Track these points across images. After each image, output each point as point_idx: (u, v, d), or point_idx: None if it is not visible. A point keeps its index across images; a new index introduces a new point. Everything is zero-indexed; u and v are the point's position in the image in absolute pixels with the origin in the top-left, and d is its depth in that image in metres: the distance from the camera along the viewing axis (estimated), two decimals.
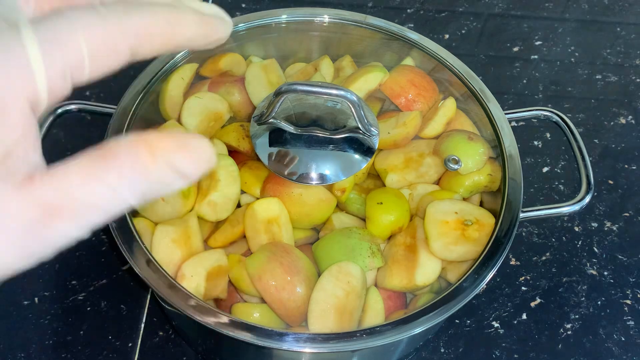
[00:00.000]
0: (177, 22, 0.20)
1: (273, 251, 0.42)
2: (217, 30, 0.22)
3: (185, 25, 0.20)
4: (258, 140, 0.44)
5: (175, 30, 0.20)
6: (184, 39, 0.21)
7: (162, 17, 0.20)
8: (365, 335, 0.38)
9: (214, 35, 0.22)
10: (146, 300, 0.55)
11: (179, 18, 0.20)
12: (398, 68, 0.52)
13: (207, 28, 0.21)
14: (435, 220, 0.44)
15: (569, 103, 0.73)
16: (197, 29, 0.21)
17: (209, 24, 0.21)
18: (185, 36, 0.21)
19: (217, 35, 0.22)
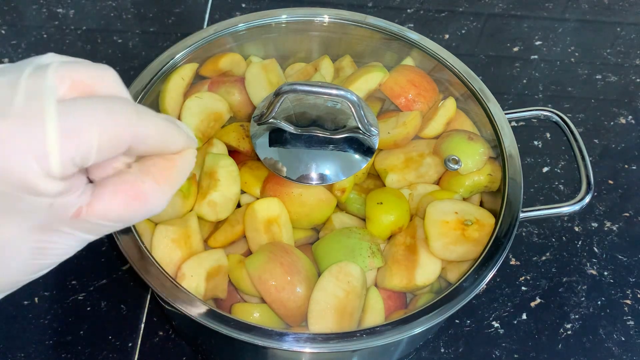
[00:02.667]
0: (171, 138, 0.27)
1: (273, 251, 0.42)
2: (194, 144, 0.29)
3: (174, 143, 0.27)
4: (258, 140, 0.44)
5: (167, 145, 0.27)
6: (169, 151, 0.27)
7: (162, 131, 0.26)
8: (365, 335, 0.38)
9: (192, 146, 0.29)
10: (146, 300, 0.55)
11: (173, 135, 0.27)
12: (398, 68, 0.52)
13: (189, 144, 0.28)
14: (435, 220, 0.44)
15: (569, 103, 0.73)
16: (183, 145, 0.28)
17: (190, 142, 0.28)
18: (171, 149, 0.27)
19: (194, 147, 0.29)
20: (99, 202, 0.25)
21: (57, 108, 0.23)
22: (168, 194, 0.27)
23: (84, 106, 0.23)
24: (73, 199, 0.24)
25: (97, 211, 0.25)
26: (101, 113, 0.23)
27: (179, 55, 0.51)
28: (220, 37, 0.53)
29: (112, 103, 0.24)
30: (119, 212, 0.25)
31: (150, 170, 0.26)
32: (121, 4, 0.80)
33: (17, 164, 0.22)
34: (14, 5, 0.79)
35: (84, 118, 0.23)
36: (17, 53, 0.73)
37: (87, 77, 0.25)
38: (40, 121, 0.22)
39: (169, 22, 0.78)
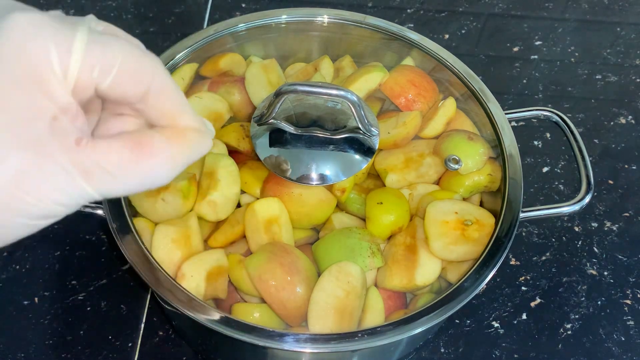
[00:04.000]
0: (185, 106, 0.26)
1: (273, 251, 0.42)
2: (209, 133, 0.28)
3: (188, 115, 0.26)
4: (258, 141, 0.44)
5: (182, 111, 0.25)
6: (182, 121, 0.26)
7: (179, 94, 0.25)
8: (365, 336, 0.38)
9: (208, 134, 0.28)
10: (146, 300, 0.55)
11: (187, 108, 0.26)
12: (398, 68, 0.52)
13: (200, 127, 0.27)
14: (435, 220, 0.44)
15: (569, 103, 0.73)
16: (198, 125, 0.26)
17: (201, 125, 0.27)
18: (182, 120, 0.26)
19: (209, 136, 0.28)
20: (103, 141, 0.23)
21: (90, 27, 0.22)
22: (175, 159, 0.25)
23: (116, 37, 0.23)
24: (76, 129, 0.22)
25: (99, 146, 0.22)
26: (130, 46, 0.23)
27: (179, 56, 0.51)
28: (220, 37, 0.53)
29: (144, 50, 0.24)
30: (122, 155, 0.23)
31: (163, 130, 0.25)
32: (121, 4, 0.80)
33: (38, 48, 0.21)
34: None
35: (114, 41, 0.23)
36: None
37: (121, 32, 0.25)
38: (72, 26, 0.22)
39: (169, 22, 0.78)
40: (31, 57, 0.21)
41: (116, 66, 0.22)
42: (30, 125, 0.21)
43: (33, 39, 0.21)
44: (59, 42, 0.21)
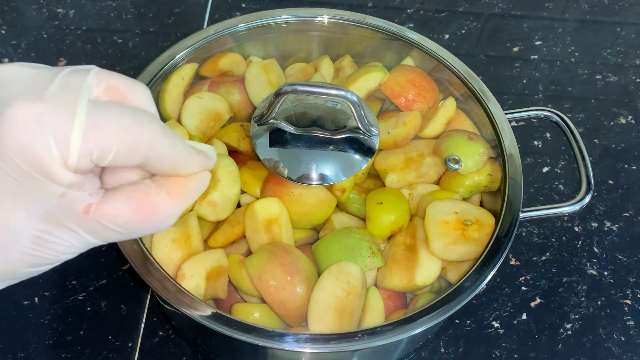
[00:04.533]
0: (185, 162, 0.27)
1: (273, 251, 0.42)
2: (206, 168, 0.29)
3: (189, 167, 0.27)
4: (258, 141, 0.44)
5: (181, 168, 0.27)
6: (182, 173, 0.27)
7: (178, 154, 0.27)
8: (365, 336, 0.38)
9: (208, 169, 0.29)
10: (146, 300, 0.55)
11: (187, 162, 0.27)
12: (398, 68, 0.52)
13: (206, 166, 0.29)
14: (435, 220, 0.44)
15: (569, 103, 0.73)
16: (198, 168, 0.28)
17: (208, 162, 0.29)
18: (184, 172, 0.28)
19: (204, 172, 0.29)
20: (109, 204, 0.25)
21: (88, 103, 0.24)
22: (178, 209, 0.27)
23: (114, 109, 0.24)
24: (84, 196, 0.25)
25: (106, 211, 0.25)
26: (128, 119, 0.24)
27: (179, 56, 0.51)
28: (220, 37, 0.53)
29: (141, 114, 0.25)
30: (128, 217, 0.26)
31: (164, 184, 0.27)
32: (121, 4, 0.80)
33: (38, 144, 0.23)
34: (14, 5, 0.79)
35: (111, 118, 0.24)
36: (17, 53, 0.73)
37: (122, 85, 0.26)
38: (70, 110, 0.23)
39: (169, 22, 0.78)
40: (34, 152, 0.23)
41: (113, 150, 0.24)
42: (42, 205, 0.24)
43: (34, 136, 0.23)
44: (58, 135, 0.23)
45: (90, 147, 0.23)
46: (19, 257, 0.25)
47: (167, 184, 0.27)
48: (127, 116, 0.24)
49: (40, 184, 0.24)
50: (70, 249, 0.26)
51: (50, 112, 0.23)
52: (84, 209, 0.25)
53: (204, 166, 0.28)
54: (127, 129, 0.24)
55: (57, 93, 0.24)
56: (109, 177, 0.27)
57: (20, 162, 0.23)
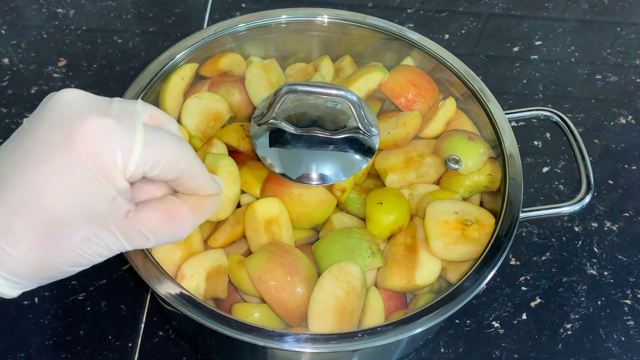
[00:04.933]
0: (207, 182, 0.33)
1: (273, 251, 0.42)
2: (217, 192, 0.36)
3: (207, 188, 0.34)
4: (258, 141, 0.44)
5: (203, 187, 0.33)
6: (201, 192, 0.34)
7: (204, 175, 0.33)
8: (365, 336, 0.38)
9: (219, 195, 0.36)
10: (146, 300, 0.55)
11: (208, 184, 0.34)
12: (398, 68, 0.52)
13: (217, 191, 0.35)
14: (435, 220, 0.44)
15: (569, 103, 0.73)
16: (213, 191, 0.34)
17: (219, 189, 0.35)
18: (203, 192, 0.34)
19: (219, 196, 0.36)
20: (144, 211, 0.30)
21: (143, 123, 0.30)
22: (197, 222, 0.34)
23: (163, 131, 0.31)
24: (126, 203, 0.30)
25: (142, 218, 0.30)
26: (174, 140, 0.31)
27: (179, 56, 0.51)
28: (220, 37, 0.53)
29: (181, 139, 0.32)
30: (158, 224, 0.31)
31: (187, 200, 0.33)
32: (121, 4, 0.80)
33: (108, 152, 0.28)
34: (14, 5, 0.79)
35: (163, 137, 0.30)
36: (17, 53, 0.73)
37: (161, 115, 0.33)
38: (131, 128, 0.29)
39: (169, 22, 0.78)
40: (103, 159, 0.28)
41: (163, 162, 0.30)
42: (96, 205, 0.28)
43: (106, 145, 0.28)
44: (123, 146, 0.28)
45: (147, 158, 0.29)
46: (66, 255, 0.29)
47: (190, 201, 0.33)
48: (173, 138, 0.31)
49: (100, 187, 0.28)
50: (106, 251, 0.30)
51: (118, 128, 0.28)
52: (125, 214, 0.29)
53: (217, 190, 0.34)
54: (174, 147, 0.30)
55: (118, 114, 0.29)
56: (138, 192, 0.32)
57: (91, 166, 0.27)
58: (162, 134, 0.30)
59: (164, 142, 0.30)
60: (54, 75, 0.71)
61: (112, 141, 0.28)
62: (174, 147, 0.30)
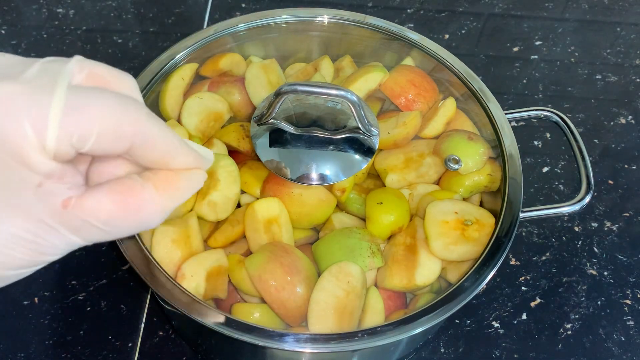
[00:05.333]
0: (174, 151, 0.25)
1: (273, 251, 0.42)
2: (199, 166, 0.27)
3: (179, 159, 0.26)
4: (258, 141, 0.44)
5: (170, 156, 0.25)
6: (172, 165, 0.26)
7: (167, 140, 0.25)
8: (365, 336, 0.38)
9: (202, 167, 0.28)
10: (146, 300, 0.55)
11: (178, 152, 0.25)
12: (398, 68, 0.52)
13: (199, 164, 0.27)
14: (435, 220, 0.44)
15: (569, 103, 0.73)
16: (190, 163, 0.26)
17: (202, 162, 0.27)
18: (174, 164, 0.26)
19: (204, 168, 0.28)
20: (90, 197, 0.23)
21: (67, 86, 0.22)
22: (166, 206, 0.25)
23: (96, 91, 0.23)
24: (63, 189, 0.23)
25: (87, 205, 0.23)
26: (110, 101, 0.23)
27: (179, 56, 0.51)
28: (220, 37, 0.53)
29: (125, 98, 0.23)
30: (110, 212, 0.24)
31: (151, 178, 0.25)
32: (121, 4, 0.80)
33: (11, 126, 0.21)
34: (14, 5, 0.79)
35: (93, 100, 0.22)
36: (17, 53, 0.73)
37: (106, 73, 0.25)
38: (47, 93, 0.22)
39: (169, 22, 0.78)
40: (7, 135, 0.21)
41: (94, 132, 0.22)
42: (17, 195, 0.22)
43: (9, 118, 0.21)
44: (34, 117, 0.21)
45: (70, 129, 0.22)
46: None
47: (155, 178, 0.25)
48: (110, 99, 0.23)
49: (15, 171, 0.22)
50: (51, 249, 0.24)
51: (25, 94, 0.22)
52: (63, 202, 0.23)
53: (198, 164, 0.27)
54: (109, 111, 0.23)
55: (34, 77, 0.22)
56: (94, 174, 0.25)
57: None
58: (95, 96, 0.23)
59: (96, 106, 0.22)
60: None
61: (18, 112, 0.21)
62: (111, 110, 0.23)
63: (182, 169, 0.26)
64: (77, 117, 0.22)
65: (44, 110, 0.21)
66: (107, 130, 0.23)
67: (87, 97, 0.22)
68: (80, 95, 0.22)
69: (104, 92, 0.23)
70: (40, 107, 0.21)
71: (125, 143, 0.23)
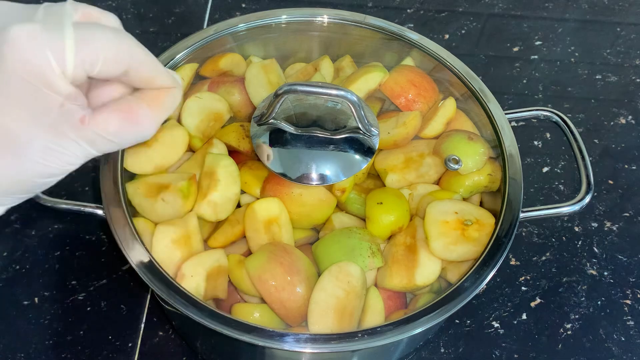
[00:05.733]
0: (160, 69, 0.32)
1: (273, 251, 0.42)
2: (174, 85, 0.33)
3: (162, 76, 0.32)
4: (258, 141, 0.44)
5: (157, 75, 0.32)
6: (158, 83, 0.32)
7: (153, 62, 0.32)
8: (365, 336, 0.38)
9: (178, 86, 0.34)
10: (146, 300, 0.55)
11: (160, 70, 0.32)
12: (398, 68, 0.52)
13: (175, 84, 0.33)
14: (435, 220, 0.44)
15: (569, 103, 0.73)
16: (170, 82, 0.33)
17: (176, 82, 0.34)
18: (159, 82, 0.32)
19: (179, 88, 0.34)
20: (100, 114, 0.29)
21: (72, 23, 0.28)
22: (157, 119, 0.32)
23: (95, 26, 0.29)
24: (79, 108, 0.29)
25: (98, 121, 0.29)
26: (109, 33, 0.29)
27: (179, 56, 0.51)
28: (220, 37, 0.53)
29: (117, 30, 0.30)
30: (117, 125, 0.30)
31: (143, 98, 0.31)
32: (121, 4, 0.80)
33: (40, 57, 0.27)
34: None
35: (95, 33, 0.28)
36: None
37: (95, 12, 0.31)
38: (59, 29, 0.27)
39: (169, 22, 0.78)
40: (36, 66, 0.27)
41: (101, 57, 0.28)
42: (46, 114, 0.28)
43: (35, 51, 0.27)
44: (54, 49, 0.27)
45: (83, 57, 0.28)
46: (32, 167, 0.29)
47: (146, 97, 0.32)
48: (107, 31, 0.29)
49: (44, 95, 0.27)
50: (73, 158, 0.30)
51: (44, 31, 0.27)
52: (80, 119, 0.29)
53: (174, 83, 0.33)
54: (110, 40, 0.29)
55: (44, 18, 0.28)
56: (95, 97, 0.32)
57: (26, 76, 0.27)
58: (95, 29, 0.29)
59: (98, 37, 0.28)
60: None
61: (41, 46, 0.27)
62: (111, 41, 0.29)
63: (164, 87, 0.32)
64: (87, 47, 0.28)
65: (60, 43, 0.27)
66: (110, 56, 0.29)
67: (90, 31, 0.28)
68: (85, 31, 0.28)
69: (101, 26, 0.29)
70: (57, 41, 0.27)
71: (124, 65, 0.30)
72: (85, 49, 0.28)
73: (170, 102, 0.33)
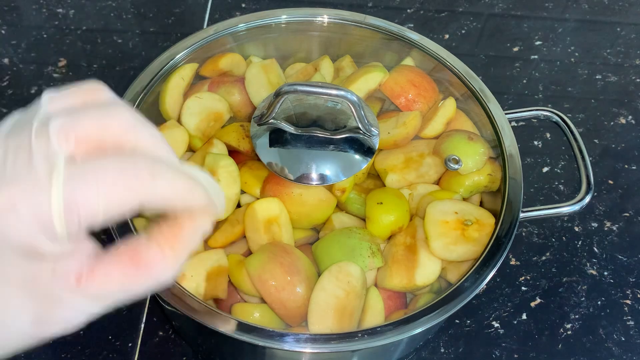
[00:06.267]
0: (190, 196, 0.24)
1: (273, 251, 0.42)
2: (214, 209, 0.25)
3: (194, 201, 0.24)
4: (258, 141, 0.44)
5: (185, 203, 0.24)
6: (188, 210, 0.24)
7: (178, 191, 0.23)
8: (365, 336, 0.38)
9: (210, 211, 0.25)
10: (146, 300, 0.55)
11: (193, 194, 0.24)
12: (398, 68, 0.52)
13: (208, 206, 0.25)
14: (435, 220, 0.44)
15: (569, 103, 0.73)
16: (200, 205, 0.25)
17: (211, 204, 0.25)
18: (190, 208, 0.24)
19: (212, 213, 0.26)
20: (99, 270, 0.23)
21: (62, 172, 0.21)
22: (174, 264, 0.25)
23: (92, 170, 0.22)
24: (75, 264, 0.23)
25: (98, 279, 0.23)
26: (110, 176, 0.22)
27: (179, 56, 0.51)
28: (220, 37, 0.53)
29: (123, 164, 0.22)
30: (120, 280, 0.24)
31: (156, 238, 0.24)
32: (121, 4, 0.80)
33: (21, 232, 0.21)
34: (14, 5, 0.79)
35: (91, 183, 0.21)
36: (17, 53, 0.73)
37: (91, 129, 0.23)
38: (45, 187, 0.21)
39: (169, 22, 0.78)
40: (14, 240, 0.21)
41: (100, 211, 0.21)
42: (35, 286, 0.23)
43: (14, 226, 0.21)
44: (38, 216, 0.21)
45: (75, 218, 0.21)
46: (20, 337, 0.24)
47: (159, 238, 0.24)
48: (110, 172, 0.22)
49: (29, 266, 0.22)
50: (75, 319, 0.25)
51: (24, 195, 0.21)
52: (76, 280, 0.23)
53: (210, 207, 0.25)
54: (111, 188, 0.22)
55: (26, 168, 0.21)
56: None
57: (8, 250, 0.21)
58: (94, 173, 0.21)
59: (96, 185, 0.21)
60: (54, 75, 0.71)
61: (19, 219, 0.21)
62: (116, 185, 0.22)
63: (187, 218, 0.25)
64: (79, 207, 0.21)
65: (45, 208, 0.21)
66: (112, 207, 0.22)
67: (84, 180, 0.21)
68: (77, 179, 0.21)
69: (100, 167, 0.22)
70: (41, 206, 0.21)
71: (134, 205, 0.22)
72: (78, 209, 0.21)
73: (192, 236, 0.25)
